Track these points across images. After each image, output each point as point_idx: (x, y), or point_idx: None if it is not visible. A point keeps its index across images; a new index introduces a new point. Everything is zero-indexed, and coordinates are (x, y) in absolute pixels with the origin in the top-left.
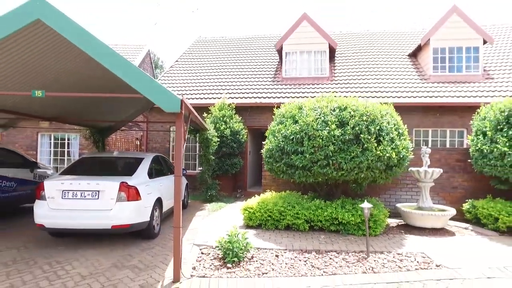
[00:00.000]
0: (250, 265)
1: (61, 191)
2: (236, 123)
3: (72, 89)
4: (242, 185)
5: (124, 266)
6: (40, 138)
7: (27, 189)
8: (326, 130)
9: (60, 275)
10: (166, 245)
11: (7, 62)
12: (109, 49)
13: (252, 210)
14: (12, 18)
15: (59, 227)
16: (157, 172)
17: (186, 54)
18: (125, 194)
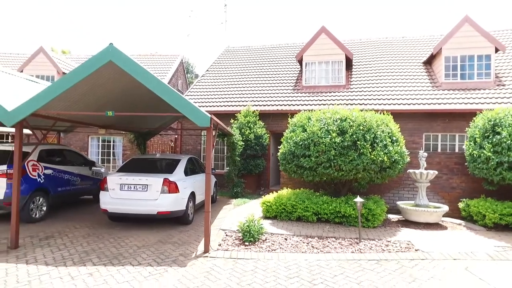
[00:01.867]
0: (263, 244)
1: (119, 184)
2: (259, 128)
3: (129, 108)
4: (265, 184)
5: (167, 242)
6: (90, 140)
7: (87, 184)
8: (328, 138)
9: (122, 245)
10: (198, 229)
11: (89, 90)
12: (159, 81)
13: (269, 203)
14: (94, 61)
15: (118, 211)
16: (191, 170)
17: (215, 64)
18: (167, 188)
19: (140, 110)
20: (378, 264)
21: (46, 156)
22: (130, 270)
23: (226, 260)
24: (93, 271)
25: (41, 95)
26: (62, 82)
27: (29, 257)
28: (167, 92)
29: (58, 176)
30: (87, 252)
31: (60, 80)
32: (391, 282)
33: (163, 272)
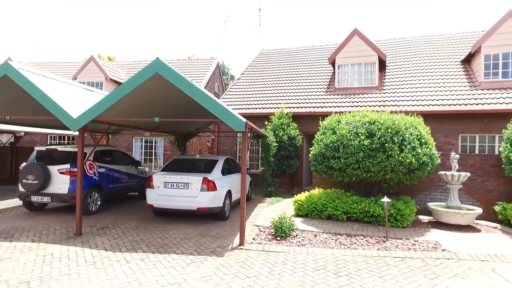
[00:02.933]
0: (294, 240)
1: (163, 182)
2: (292, 130)
3: (171, 113)
4: (298, 183)
5: (206, 235)
6: (134, 141)
7: (134, 181)
8: (357, 140)
9: (167, 237)
10: (234, 225)
11: (137, 98)
12: (200, 90)
13: (301, 202)
14: (142, 74)
15: (162, 207)
16: (228, 170)
17: (250, 67)
18: (206, 186)
19: (181, 114)
20: (403, 261)
21: (99, 156)
22: (174, 257)
23: (259, 252)
24: (144, 257)
25: (99, 104)
26: (116, 93)
27: (91, 243)
28: (206, 100)
29: (110, 174)
30: (137, 241)
31: (114, 91)
32: (413, 278)
33: (203, 260)
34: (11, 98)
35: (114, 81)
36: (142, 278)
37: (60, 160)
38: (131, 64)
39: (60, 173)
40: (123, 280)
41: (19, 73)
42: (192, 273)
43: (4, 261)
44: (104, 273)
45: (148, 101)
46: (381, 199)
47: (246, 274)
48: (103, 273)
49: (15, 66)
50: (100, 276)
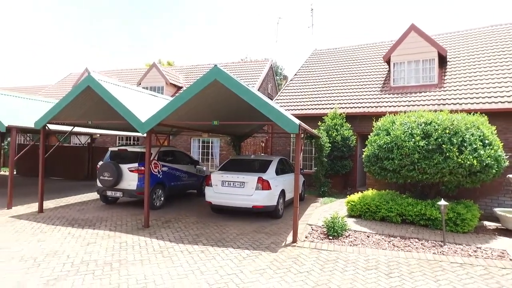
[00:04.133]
0: (346, 239)
1: (221, 181)
2: (346, 130)
3: (228, 116)
4: (351, 184)
5: (261, 232)
6: (192, 141)
7: (192, 180)
8: (412, 141)
9: (224, 232)
10: (287, 223)
11: (198, 104)
12: (255, 95)
13: (354, 203)
14: (202, 81)
15: (220, 204)
16: (282, 170)
17: (303, 67)
18: (261, 185)
19: (237, 117)
20: (461, 267)
21: (162, 156)
22: (231, 251)
23: (311, 250)
24: (204, 249)
25: (163, 109)
26: (178, 99)
27: (158, 234)
28: (261, 103)
29: (171, 173)
30: (197, 235)
31: (176, 98)
32: (472, 285)
33: (258, 255)
34: (91, 105)
35: (174, 85)
36: (203, 267)
37: (130, 159)
38: (189, 68)
39: (130, 171)
40: (187, 268)
41: (99, 84)
42: (247, 266)
43: (91, 245)
44: (170, 261)
45: (206, 105)
46: (437, 201)
47: (298, 270)
48: (169, 261)
49: (95, 78)
50: (167, 263)
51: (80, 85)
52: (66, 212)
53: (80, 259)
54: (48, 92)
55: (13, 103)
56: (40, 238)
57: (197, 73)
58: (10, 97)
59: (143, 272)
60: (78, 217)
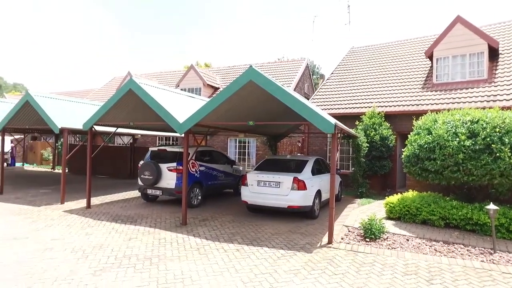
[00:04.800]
0: (383, 242)
1: (257, 180)
2: (385, 129)
3: (263, 116)
4: (391, 185)
5: (296, 232)
6: (229, 141)
7: (229, 179)
8: (456, 141)
9: (259, 231)
10: (322, 224)
11: (234, 104)
12: (291, 95)
13: (393, 205)
14: (237, 82)
15: (255, 204)
16: (318, 170)
17: (340, 66)
18: (296, 185)
19: (272, 117)
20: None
21: (200, 156)
22: (266, 250)
23: (347, 251)
24: (239, 248)
25: (200, 110)
26: (214, 100)
27: (194, 232)
28: (296, 103)
29: (209, 172)
30: (233, 233)
31: (213, 99)
32: None
33: (292, 255)
34: (133, 107)
35: (211, 86)
36: (238, 266)
37: (169, 159)
38: (225, 69)
39: (169, 170)
40: (222, 266)
41: (140, 87)
42: (282, 266)
43: (133, 240)
44: (206, 258)
45: (242, 105)
46: (486, 205)
47: (333, 271)
48: (205, 258)
49: (137, 81)
50: (203, 260)
51: (123, 88)
52: (110, 208)
53: (123, 253)
54: (95, 95)
55: (65, 106)
56: (88, 232)
57: (233, 74)
58: (62, 101)
59: (180, 268)
60: (121, 213)
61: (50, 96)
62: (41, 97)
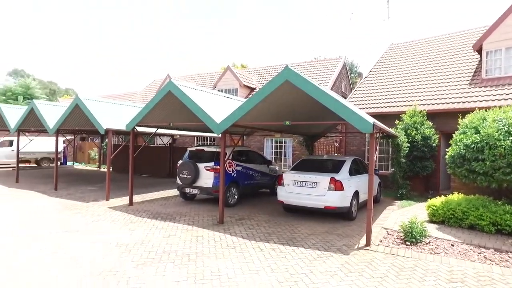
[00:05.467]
0: (425, 247)
1: (293, 181)
2: (427, 128)
3: (299, 116)
4: (434, 187)
5: (332, 233)
6: (265, 141)
7: (265, 179)
8: (509, 140)
9: (295, 231)
10: (360, 225)
11: (270, 105)
12: (327, 94)
13: (436, 207)
14: (273, 82)
15: (291, 204)
16: (355, 171)
17: (379, 63)
18: (333, 186)
19: (309, 116)
20: None
21: (236, 156)
22: (302, 251)
23: (386, 255)
24: (275, 248)
25: (237, 111)
26: (251, 101)
27: (231, 230)
28: (333, 102)
29: (245, 172)
30: (269, 233)
31: (249, 99)
32: None
33: (328, 256)
34: (172, 109)
35: (247, 86)
36: (273, 265)
37: (206, 158)
38: (261, 70)
39: (206, 169)
40: (258, 265)
41: (179, 89)
42: (318, 267)
43: (172, 237)
44: (242, 257)
45: (278, 105)
46: None
47: (371, 274)
48: (242, 256)
49: (176, 83)
50: (239, 259)
51: (162, 90)
52: (151, 206)
53: (163, 249)
54: (136, 97)
55: (109, 108)
56: (130, 228)
57: (270, 74)
58: (107, 103)
59: (217, 265)
60: (161, 211)
61: (96, 99)
62: (88, 100)
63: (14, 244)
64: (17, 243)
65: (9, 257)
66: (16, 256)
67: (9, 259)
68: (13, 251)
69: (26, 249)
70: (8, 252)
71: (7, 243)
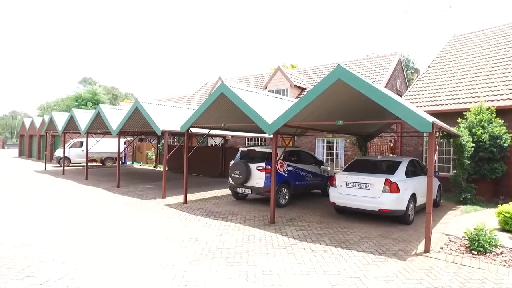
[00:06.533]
0: (497, 258)
1: (345, 182)
2: (496, 127)
3: (352, 115)
4: (506, 192)
5: (387, 237)
6: (316, 142)
7: (317, 180)
8: None
9: (348, 234)
10: (418, 230)
11: (320, 104)
12: (382, 92)
13: (508, 214)
14: (325, 81)
15: (344, 205)
16: (412, 172)
17: (439, 57)
18: (388, 188)
19: (362, 116)
20: None
21: (287, 156)
22: (355, 254)
23: (448, 263)
24: (327, 249)
25: (288, 111)
26: (302, 101)
27: (282, 231)
28: (388, 101)
29: (296, 173)
30: (320, 234)
31: (301, 99)
32: None
33: (383, 261)
34: (224, 110)
35: (298, 87)
36: (326, 267)
37: (257, 159)
38: (312, 69)
39: (258, 170)
40: (309, 266)
41: (231, 90)
42: (372, 271)
43: (224, 235)
44: (293, 257)
45: (330, 105)
46: None
47: (432, 283)
48: (293, 257)
49: (228, 85)
50: (291, 259)
51: (215, 92)
52: (204, 204)
53: (215, 246)
54: (190, 100)
55: (165, 111)
56: (185, 225)
57: (320, 74)
58: (163, 106)
59: (268, 264)
60: (213, 209)
61: (153, 102)
62: (146, 103)
63: (79, 235)
64: (82, 233)
65: (74, 248)
66: (82, 247)
67: (74, 250)
68: (76, 243)
69: (90, 239)
70: (69, 243)
71: (71, 236)
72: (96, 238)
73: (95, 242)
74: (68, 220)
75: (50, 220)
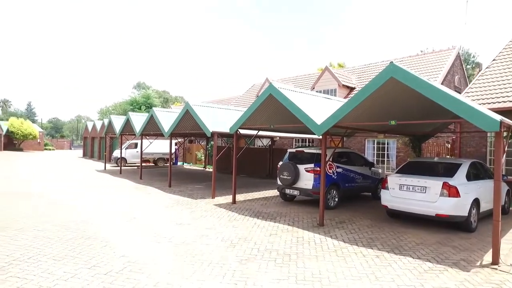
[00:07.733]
0: None
1: (398, 184)
2: None
3: (405, 114)
4: None
5: (446, 245)
6: (366, 143)
7: (367, 182)
8: None
9: (401, 239)
10: (482, 239)
11: (373, 104)
12: (439, 89)
13: None
14: (377, 80)
15: (397, 209)
16: (475, 176)
17: (506, 49)
18: (446, 192)
19: (417, 114)
20: None
21: (337, 157)
22: (410, 261)
23: None
24: (379, 254)
25: (338, 111)
26: (353, 100)
27: (332, 233)
28: (446, 98)
29: (346, 174)
30: (372, 238)
31: (351, 99)
32: None
33: (442, 270)
34: (272, 111)
35: (346, 86)
36: (378, 273)
37: (306, 160)
38: (360, 68)
39: (306, 171)
40: (361, 271)
41: (279, 92)
42: (429, 281)
43: (273, 236)
44: (343, 261)
45: (382, 104)
46: None
47: None
48: (343, 261)
49: (276, 86)
50: (341, 263)
51: (263, 93)
52: (252, 205)
53: (264, 247)
54: (237, 101)
55: (214, 113)
56: (234, 225)
57: (370, 72)
58: (212, 108)
59: (318, 267)
60: (261, 210)
61: (203, 104)
62: (196, 106)
63: (133, 232)
64: (137, 230)
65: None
66: (138, 242)
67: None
68: (132, 240)
69: (146, 236)
70: (125, 240)
71: (127, 233)
72: (150, 235)
73: (150, 238)
74: (126, 216)
75: (110, 218)
